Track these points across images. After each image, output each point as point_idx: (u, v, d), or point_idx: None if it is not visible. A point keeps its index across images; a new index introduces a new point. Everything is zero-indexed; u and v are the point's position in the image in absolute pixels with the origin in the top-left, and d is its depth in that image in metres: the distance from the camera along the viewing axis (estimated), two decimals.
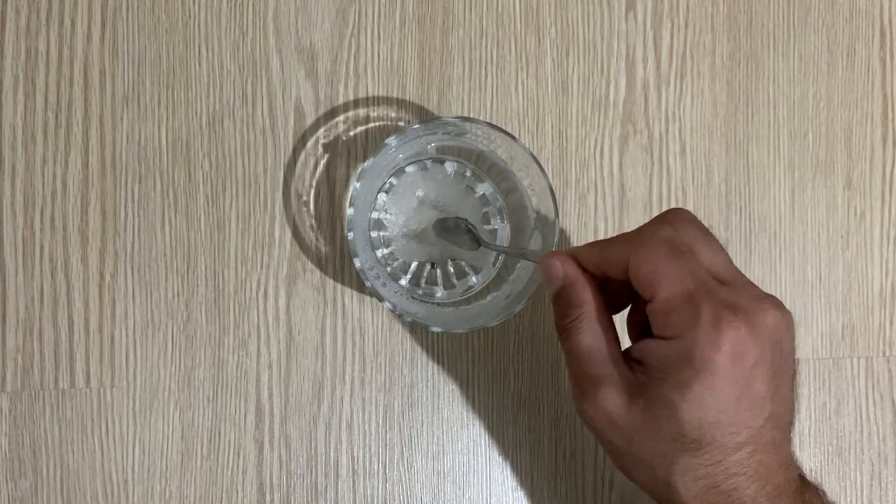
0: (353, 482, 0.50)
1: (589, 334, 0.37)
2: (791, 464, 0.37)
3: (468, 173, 0.49)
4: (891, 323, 0.54)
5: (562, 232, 0.51)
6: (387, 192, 0.49)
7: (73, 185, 0.49)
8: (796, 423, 0.39)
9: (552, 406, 0.51)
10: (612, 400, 0.36)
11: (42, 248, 0.48)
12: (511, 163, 0.47)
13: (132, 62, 0.49)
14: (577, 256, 0.39)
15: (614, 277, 0.37)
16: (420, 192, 0.49)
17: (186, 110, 0.49)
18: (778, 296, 0.36)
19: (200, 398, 0.49)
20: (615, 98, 0.52)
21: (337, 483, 0.50)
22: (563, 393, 0.51)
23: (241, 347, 0.49)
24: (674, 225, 0.36)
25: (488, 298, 0.49)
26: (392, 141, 0.45)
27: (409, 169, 0.49)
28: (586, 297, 0.38)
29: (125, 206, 0.49)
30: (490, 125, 0.45)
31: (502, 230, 0.49)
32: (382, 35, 0.51)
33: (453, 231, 0.47)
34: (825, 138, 0.54)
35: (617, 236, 0.38)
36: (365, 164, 0.45)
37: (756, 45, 0.54)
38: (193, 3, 0.50)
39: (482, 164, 0.49)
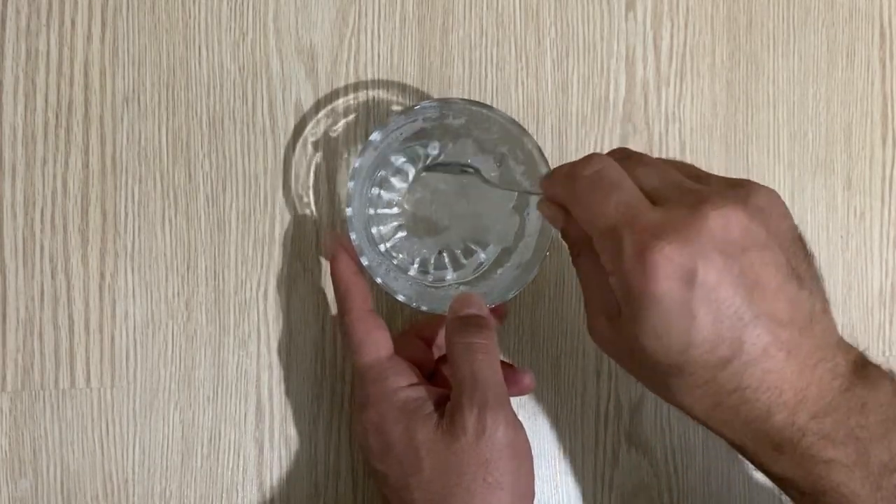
0: (354, 482, 0.50)
1: (586, 262, 0.37)
2: (823, 363, 0.34)
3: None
4: (890, 323, 0.54)
5: None
6: (380, 186, 0.48)
7: (74, 185, 0.49)
8: None
9: (552, 406, 0.51)
10: (599, 322, 0.37)
11: (42, 248, 0.48)
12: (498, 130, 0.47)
13: (132, 62, 0.49)
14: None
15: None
16: (411, 182, 0.48)
17: (186, 110, 0.49)
18: None
19: (200, 398, 0.49)
20: (615, 98, 0.52)
21: (337, 483, 0.50)
22: (563, 393, 0.51)
23: (241, 347, 0.49)
24: (592, 161, 0.37)
25: (498, 273, 0.48)
26: (376, 136, 0.45)
27: (395, 159, 0.49)
28: (581, 234, 0.37)
29: (125, 206, 0.49)
30: (466, 101, 0.45)
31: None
32: (382, 35, 0.51)
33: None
34: (825, 138, 0.54)
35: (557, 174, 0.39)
36: (355, 164, 0.45)
37: (756, 45, 0.54)
38: (193, 3, 0.50)
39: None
